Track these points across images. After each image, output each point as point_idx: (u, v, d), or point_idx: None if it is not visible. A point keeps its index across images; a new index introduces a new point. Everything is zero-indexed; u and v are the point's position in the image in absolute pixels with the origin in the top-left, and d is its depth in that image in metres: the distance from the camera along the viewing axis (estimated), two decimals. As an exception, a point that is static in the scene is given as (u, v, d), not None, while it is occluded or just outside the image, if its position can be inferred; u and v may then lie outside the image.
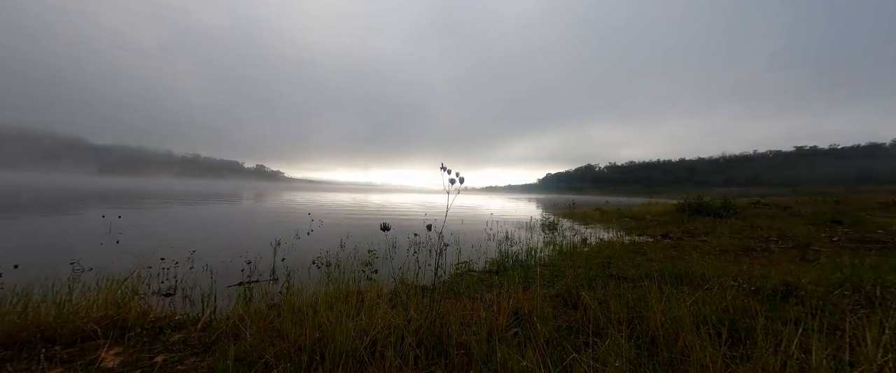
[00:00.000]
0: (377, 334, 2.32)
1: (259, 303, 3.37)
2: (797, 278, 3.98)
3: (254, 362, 2.21)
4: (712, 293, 3.21)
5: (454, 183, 2.35)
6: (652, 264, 5.83)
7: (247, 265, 5.52)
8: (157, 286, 4.56)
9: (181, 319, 3.19)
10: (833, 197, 27.24)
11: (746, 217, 14.36)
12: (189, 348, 2.61)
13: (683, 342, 2.26)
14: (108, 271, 4.59)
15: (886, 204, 25.97)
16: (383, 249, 7.40)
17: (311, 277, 4.65)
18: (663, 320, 2.57)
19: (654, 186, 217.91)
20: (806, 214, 15.97)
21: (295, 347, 2.30)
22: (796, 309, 3.05)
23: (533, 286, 3.83)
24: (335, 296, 3.01)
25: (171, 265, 5.21)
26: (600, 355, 2.10)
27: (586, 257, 6.49)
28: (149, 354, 2.48)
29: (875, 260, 4.99)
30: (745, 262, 6.14)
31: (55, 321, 2.72)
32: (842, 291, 3.41)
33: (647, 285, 3.58)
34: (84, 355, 2.44)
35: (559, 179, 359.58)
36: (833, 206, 18.56)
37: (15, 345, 2.50)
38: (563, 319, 3.01)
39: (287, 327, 2.50)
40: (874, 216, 16.39)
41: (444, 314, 2.57)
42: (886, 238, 9.17)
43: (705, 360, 1.97)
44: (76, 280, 3.87)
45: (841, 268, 4.34)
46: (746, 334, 2.52)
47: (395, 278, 4.45)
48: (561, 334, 2.63)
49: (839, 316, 2.73)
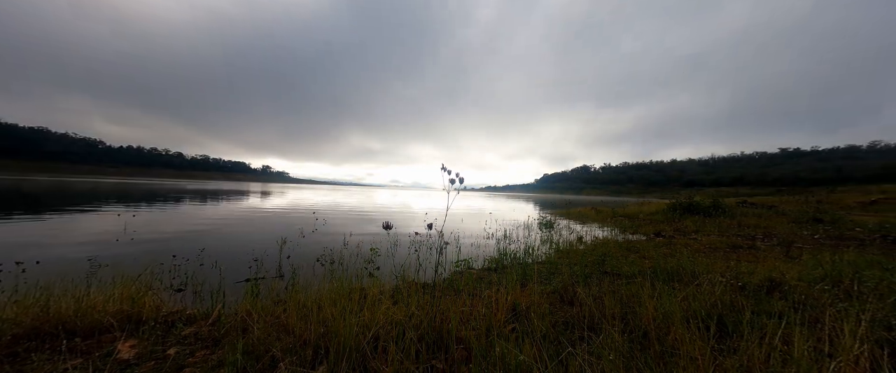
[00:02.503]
0: (379, 330, 2.32)
1: (266, 299, 3.37)
2: (781, 274, 3.99)
3: (261, 356, 2.21)
4: (702, 289, 3.22)
5: (454, 183, 2.34)
6: (645, 262, 5.84)
7: (254, 262, 5.52)
8: (169, 282, 4.56)
9: (192, 313, 3.19)
10: (815, 196, 27.29)
11: (734, 216, 14.38)
12: (200, 341, 2.61)
13: (674, 336, 2.27)
14: (123, 268, 4.62)
15: (863, 203, 26.10)
16: (385, 248, 7.40)
17: (315, 275, 4.64)
18: (655, 315, 2.57)
19: (648, 185, 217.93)
20: (790, 212, 16.02)
21: (300, 341, 2.30)
22: (780, 303, 3.06)
23: (530, 283, 3.84)
24: (339, 292, 3.01)
25: (182, 262, 5.20)
26: (595, 349, 2.10)
27: (582, 255, 6.49)
28: (162, 346, 2.49)
29: (853, 256, 5.00)
30: (733, 258, 6.16)
31: (75, 315, 2.75)
32: (822, 285, 3.42)
33: (640, 282, 3.59)
34: (102, 346, 2.46)
35: (556, 179, 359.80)
36: (814, 205, 18.60)
37: (39, 336, 2.55)
38: (560, 314, 3.01)
39: (293, 322, 2.50)
40: (852, 215, 16.46)
41: (444, 310, 2.57)
42: (863, 235, 9.22)
43: (694, 353, 1.98)
44: (93, 276, 3.87)
45: (822, 264, 4.36)
46: (733, 328, 2.53)
47: (396, 276, 4.45)
48: (557, 329, 2.63)
49: (820, 310, 2.74)
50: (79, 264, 4.84)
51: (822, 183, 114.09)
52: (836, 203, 26.25)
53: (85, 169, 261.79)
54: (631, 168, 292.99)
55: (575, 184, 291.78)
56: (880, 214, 17.85)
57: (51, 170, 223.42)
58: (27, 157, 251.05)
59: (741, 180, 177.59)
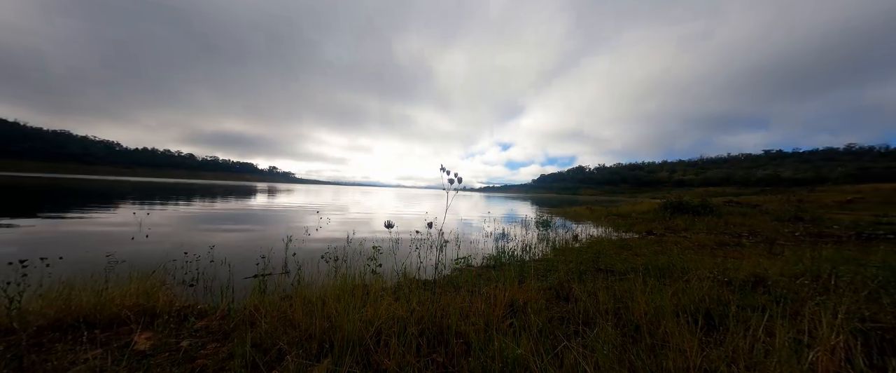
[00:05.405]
0: (382, 325, 2.32)
1: (273, 294, 3.36)
2: (765, 270, 3.99)
3: (269, 349, 2.22)
4: (691, 285, 3.22)
5: (452, 182, 2.33)
6: (637, 259, 5.83)
7: (261, 259, 5.50)
8: (182, 277, 4.55)
9: (203, 308, 3.19)
10: (796, 196, 27.30)
11: (721, 215, 14.37)
12: (211, 334, 2.61)
13: (664, 330, 2.27)
14: (138, 263, 4.62)
15: (840, 202, 26.17)
16: (387, 246, 7.39)
17: (319, 271, 4.62)
18: (647, 310, 2.58)
19: (640, 185, 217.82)
20: (773, 211, 16.00)
21: (306, 335, 2.30)
22: (764, 297, 3.06)
23: (527, 280, 3.83)
24: (342, 289, 3.00)
25: (193, 259, 5.18)
26: (589, 343, 2.10)
27: (577, 253, 6.49)
28: (176, 339, 2.49)
29: (830, 252, 5.02)
30: (720, 255, 6.15)
31: (94, 308, 2.77)
32: (803, 280, 3.43)
33: (632, 278, 3.59)
34: (119, 338, 2.48)
35: (553, 179, 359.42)
36: (796, 204, 18.61)
37: (62, 328, 2.58)
38: (556, 310, 3.01)
39: (299, 316, 2.50)
40: (830, 213, 16.49)
41: (444, 306, 2.57)
42: (840, 233, 9.24)
43: (683, 345, 1.99)
44: (111, 271, 3.88)
45: (802, 260, 4.37)
46: (720, 321, 2.54)
47: (398, 273, 4.43)
48: (553, 323, 2.63)
49: (800, 303, 2.75)
50: (98, 260, 4.84)
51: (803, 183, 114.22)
52: (816, 202, 26.29)
53: (104, 170, 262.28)
54: (624, 168, 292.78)
55: (570, 184, 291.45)
56: (855, 212, 17.97)
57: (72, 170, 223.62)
58: (52, 158, 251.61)
59: (728, 180, 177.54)
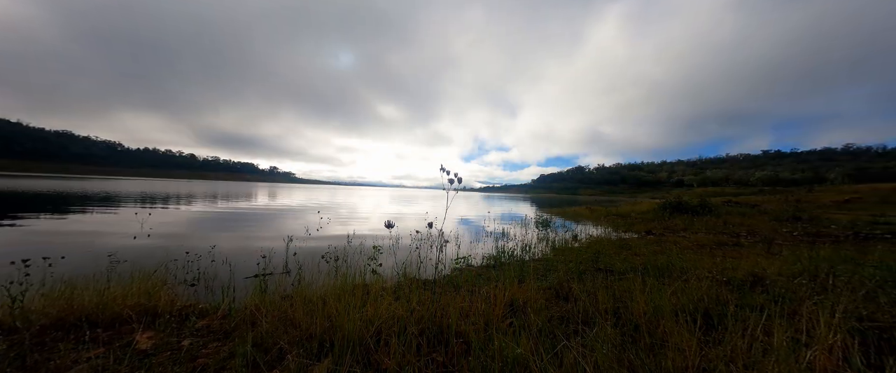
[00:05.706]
0: (382, 324, 2.31)
1: (273, 294, 3.35)
2: (763, 269, 3.99)
3: (270, 348, 2.21)
4: (690, 284, 3.21)
5: (452, 182, 2.33)
6: (636, 259, 5.82)
7: (262, 259, 5.50)
8: (183, 277, 4.54)
9: (204, 307, 3.18)
10: (794, 196, 27.29)
11: (720, 215, 14.37)
12: (212, 333, 2.61)
13: (663, 329, 2.26)
14: (140, 263, 4.61)
15: (838, 202, 26.17)
16: (387, 245, 7.38)
17: (320, 271, 4.62)
18: (646, 309, 2.57)
19: (640, 185, 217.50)
20: (771, 211, 15.99)
21: (306, 334, 2.29)
22: (762, 297, 3.05)
23: (527, 280, 3.82)
24: (343, 288, 2.99)
25: (194, 258, 5.18)
26: (588, 342, 2.09)
27: (577, 253, 6.48)
28: (177, 338, 2.49)
29: (828, 252, 5.00)
30: (719, 255, 6.14)
31: (96, 307, 2.77)
32: (800, 280, 3.43)
33: (631, 278, 3.58)
34: (121, 337, 2.48)
35: (553, 179, 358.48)
36: (794, 204, 18.61)
37: (64, 327, 2.58)
38: (555, 309, 3.00)
39: (299, 316, 2.49)
40: (828, 213, 16.48)
41: (444, 306, 2.56)
42: (838, 232, 9.23)
43: (682, 344, 1.98)
44: (113, 270, 3.87)
45: (800, 260, 4.36)
46: (718, 321, 2.53)
47: (398, 272, 4.43)
48: (553, 323, 2.62)
49: (798, 302, 2.74)
50: (100, 260, 4.83)
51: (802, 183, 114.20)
52: (814, 202, 26.30)
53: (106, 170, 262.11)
54: (624, 168, 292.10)
55: (570, 184, 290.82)
56: (852, 212, 17.97)
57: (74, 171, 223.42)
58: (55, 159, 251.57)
59: (727, 180, 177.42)
